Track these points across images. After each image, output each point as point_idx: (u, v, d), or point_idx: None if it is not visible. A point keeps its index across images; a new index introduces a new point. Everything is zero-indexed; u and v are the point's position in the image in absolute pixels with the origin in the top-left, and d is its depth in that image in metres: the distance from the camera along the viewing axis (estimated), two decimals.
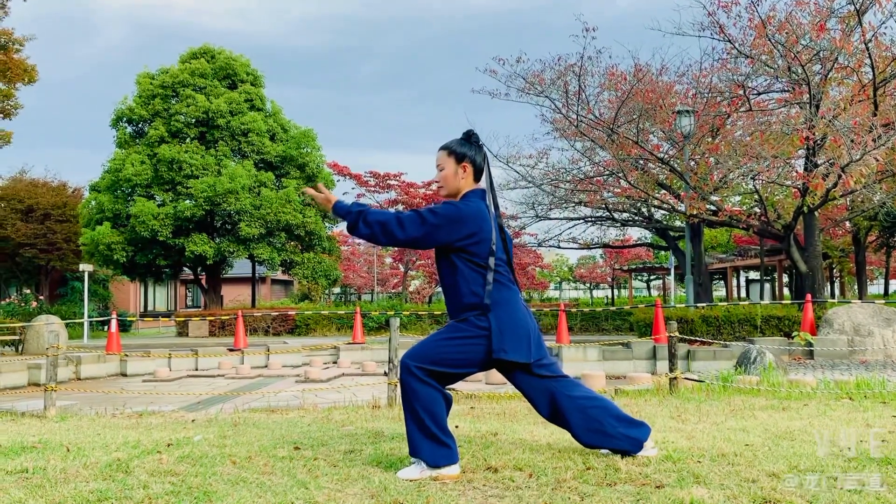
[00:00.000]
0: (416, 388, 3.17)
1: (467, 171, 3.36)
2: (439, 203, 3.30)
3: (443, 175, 3.39)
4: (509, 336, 3.19)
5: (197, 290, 39.14)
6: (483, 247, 3.23)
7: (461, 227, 3.20)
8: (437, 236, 3.19)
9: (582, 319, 23.11)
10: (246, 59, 25.07)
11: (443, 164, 3.39)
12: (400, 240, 3.21)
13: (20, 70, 20.44)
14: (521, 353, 3.21)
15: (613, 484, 2.97)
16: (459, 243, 3.21)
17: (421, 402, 3.16)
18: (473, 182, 3.39)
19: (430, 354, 3.20)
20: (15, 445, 3.97)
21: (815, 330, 12.10)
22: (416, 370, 3.17)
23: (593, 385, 8.24)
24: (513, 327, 3.22)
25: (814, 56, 13.72)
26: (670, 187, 17.41)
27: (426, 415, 3.15)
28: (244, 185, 22.13)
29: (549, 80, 16.68)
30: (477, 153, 3.39)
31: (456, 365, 3.22)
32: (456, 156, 3.37)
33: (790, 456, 3.46)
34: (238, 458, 3.50)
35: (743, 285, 39.05)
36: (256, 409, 6.24)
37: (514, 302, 3.29)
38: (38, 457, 3.63)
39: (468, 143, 3.41)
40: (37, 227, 27.25)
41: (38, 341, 16.62)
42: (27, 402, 7.65)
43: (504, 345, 3.17)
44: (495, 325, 3.18)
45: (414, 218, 3.20)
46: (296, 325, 23.35)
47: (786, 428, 4.31)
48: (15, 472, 3.27)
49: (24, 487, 2.96)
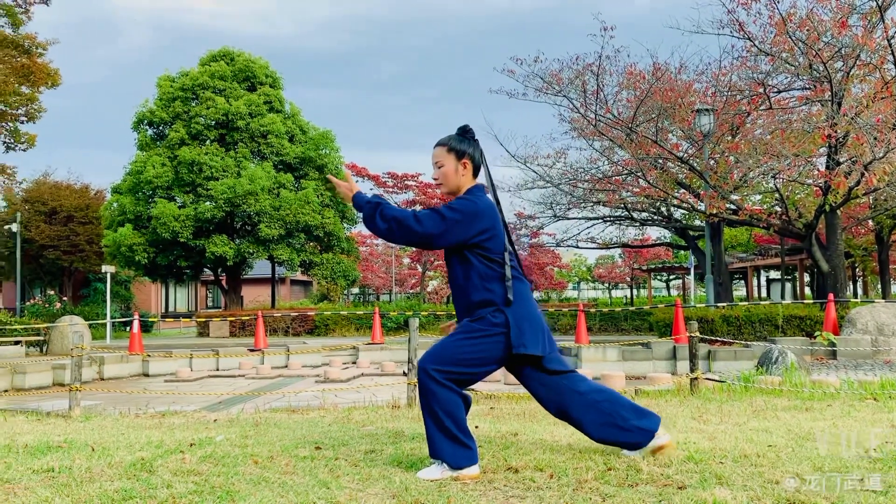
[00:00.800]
0: (434, 390, 3.14)
1: (467, 168, 3.31)
2: (454, 200, 3.26)
3: (442, 172, 3.32)
4: (528, 330, 3.16)
5: (217, 290, 39.43)
6: (498, 242, 3.21)
7: (478, 223, 3.16)
8: (456, 232, 3.15)
9: (601, 320, 23.02)
10: (265, 62, 25.23)
11: (442, 160, 3.32)
12: (417, 235, 3.14)
13: (43, 74, 20.69)
14: (538, 346, 3.18)
15: (635, 485, 2.95)
16: (476, 239, 3.17)
17: (440, 404, 3.13)
18: (473, 178, 3.34)
19: (448, 356, 3.17)
20: (41, 445, 4.02)
21: (837, 330, 11.96)
22: (435, 373, 3.14)
23: (613, 385, 8.20)
24: (530, 321, 3.19)
25: (835, 53, 13.57)
26: (690, 186, 17.29)
27: (446, 417, 3.12)
28: (263, 187, 22.26)
29: (566, 80, 16.63)
30: (475, 149, 3.34)
31: (475, 364, 3.19)
32: (456, 152, 3.30)
33: (814, 457, 3.42)
34: (260, 457, 3.52)
35: (764, 285, 38.70)
36: (277, 408, 6.27)
37: (527, 295, 3.26)
38: (64, 456, 3.67)
39: (465, 138, 3.35)
40: (60, 229, 27.58)
41: (63, 342, 16.83)
42: (52, 402, 7.74)
43: (524, 339, 3.14)
44: (513, 320, 3.14)
45: (432, 215, 3.15)
46: (315, 325, 23.46)
47: (809, 429, 4.27)
48: (41, 471, 3.31)
49: (50, 486, 2.99)
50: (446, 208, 3.17)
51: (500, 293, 3.18)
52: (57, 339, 17.10)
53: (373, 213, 3.20)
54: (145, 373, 13.39)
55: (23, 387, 11.08)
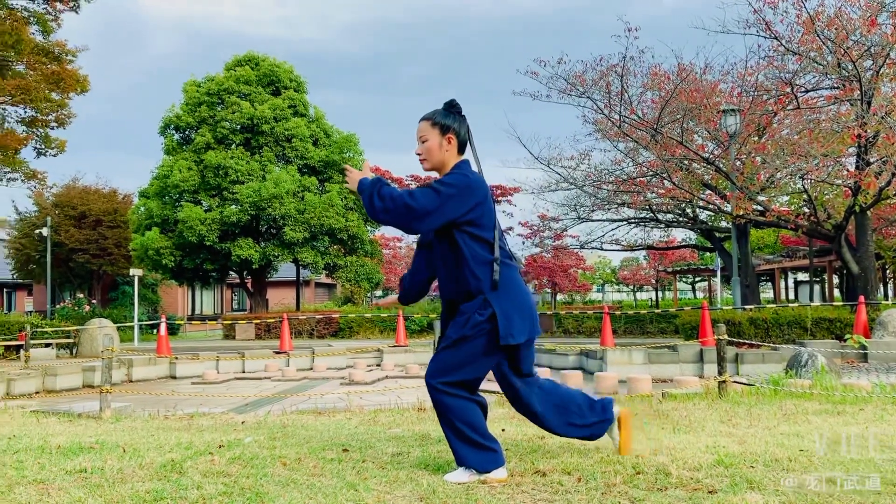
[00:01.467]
0: (446, 402, 3.12)
1: (452, 143, 3.22)
2: (446, 175, 3.18)
3: (426, 147, 3.23)
4: (516, 319, 3.09)
5: (243, 293, 39.74)
6: (489, 218, 3.13)
7: (471, 197, 3.08)
8: (451, 207, 3.04)
9: (626, 322, 22.86)
10: (289, 66, 25.41)
11: (426, 135, 3.24)
12: (413, 212, 3.02)
13: (73, 80, 21.01)
14: (524, 333, 3.12)
15: (664, 489, 2.92)
16: (469, 215, 3.07)
17: (455, 414, 3.11)
18: (458, 154, 3.25)
19: (448, 365, 3.13)
20: (73, 446, 4.07)
21: (868, 332, 11.78)
22: (441, 386, 3.11)
23: (639, 388, 8.15)
24: (518, 308, 3.12)
25: (865, 52, 13.38)
26: (716, 188, 17.12)
27: (464, 425, 3.10)
28: (288, 190, 22.42)
29: (590, 81, 16.57)
30: (461, 124, 3.24)
31: (475, 363, 3.13)
32: (441, 127, 3.21)
33: (847, 462, 3.37)
34: (288, 459, 3.54)
35: (791, 287, 38.18)
36: (304, 411, 6.30)
37: (516, 280, 3.19)
38: (96, 457, 3.71)
39: (451, 113, 3.25)
40: (89, 233, 27.97)
41: (92, 344, 17.06)
42: (83, 404, 7.84)
43: (511, 329, 3.07)
44: (500, 311, 3.06)
45: (426, 191, 3.07)
46: (339, 327, 23.56)
47: (841, 433, 4.20)
48: (74, 471, 3.35)
49: (83, 487, 3.03)
50: (439, 183, 3.10)
51: (488, 280, 3.10)
52: (86, 341, 17.34)
53: (371, 192, 3.10)
54: (172, 375, 13.53)
55: (54, 388, 11.24)
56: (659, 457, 3.51)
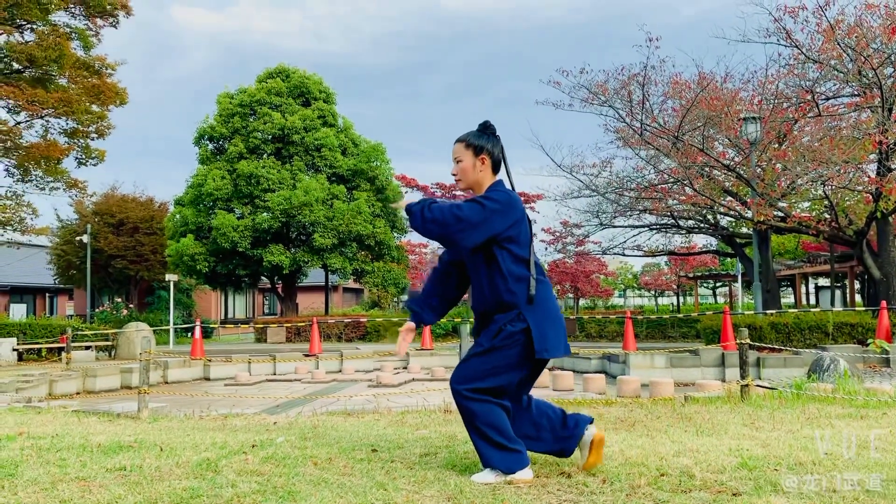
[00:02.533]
0: (471, 408, 3.10)
1: (485, 164, 3.24)
2: (488, 191, 3.20)
3: (461, 167, 3.27)
4: (551, 334, 3.08)
5: (274, 298, 40.04)
6: (526, 235, 3.15)
7: (513, 213, 3.10)
8: (494, 222, 3.06)
9: (648, 327, 22.67)
10: (319, 78, 25.60)
11: (460, 156, 3.28)
12: (462, 222, 3.03)
13: (112, 93, 21.32)
14: (560, 349, 3.12)
15: (688, 491, 2.89)
16: (509, 231, 3.09)
17: (479, 418, 3.09)
18: (492, 174, 3.27)
19: (475, 373, 3.12)
20: (113, 444, 4.12)
21: (890, 337, 11.57)
22: (467, 392, 3.10)
23: (662, 392, 8.07)
24: (553, 323, 3.12)
25: (885, 59, 13.17)
26: (737, 194, 16.93)
27: (489, 428, 3.09)
28: (318, 198, 22.56)
29: (612, 90, 16.49)
30: (494, 145, 3.26)
31: (503, 373, 3.11)
32: (474, 148, 3.25)
33: (872, 465, 3.31)
34: (319, 459, 3.55)
35: (812, 292, 37.58)
36: (333, 412, 6.32)
37: (549, 296, 3.18)
38: (135, 455, 3.76)
39: (485, 134, 3.28)
40: (127, 240, 28.35)
41: (129, 347, 17.28)
42: (122, 404, 7.95)
43: (546, 344, 3.06)
44: (534, 324, 3.05)
45: (472, 205, 3.08)
46: (367, 331, 23.64)
47: (866, 437, 4.12)
48: (114, 469, 3.39)
49: (122, 484, 3.07)
50: (484, 199, 3.11)
51: (523, 295, 3.09)
52: (124, 344, 17.56)
53: (421, 206, 3.13)
54: (206, 377, 13.66)
55: (93, 389, 11.41)
56: (683, 459, 3.47)
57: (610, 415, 5.30)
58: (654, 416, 5.19)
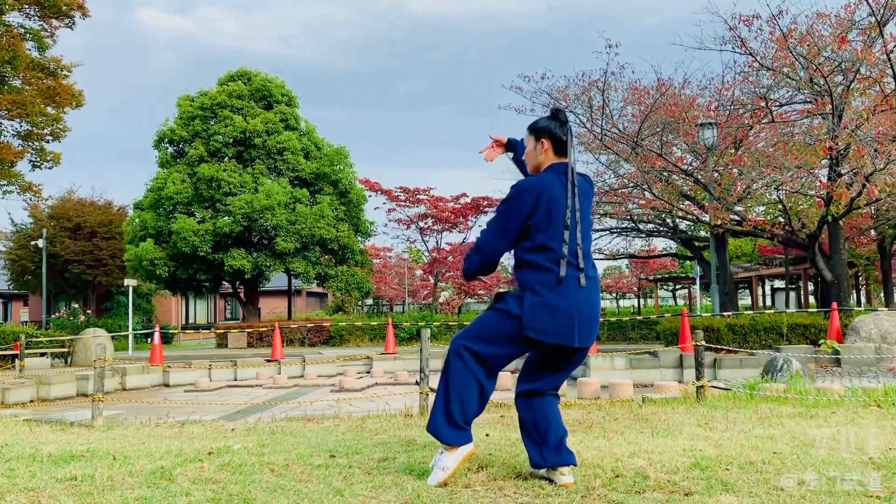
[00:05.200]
0: (452, 364, 3.15)
1: (545, 146, 3.28)
2: None
3: (526, 152, 3.39)
4: (542, 316, 3.00)
5: (235, 303, 39.55)
6: (541, 221, 3.07)
7: (523, 202, 3.09)
8: (512, 214, 3.10)
9: (609, 329, 22.91)
10: (281, 81, 25.40)
11: (526, 141, 3.40)
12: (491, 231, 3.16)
13: (68, 95, 20.90)
14: (549, 335, 3.01)
15: (642, 491, 2.93)
16: (529, 221, 3.09)
17: (454, 382, 3.12)
18: (555, 156, 3.28)
19: (472, 332, 3.18)
20: (64, 454, 4.03)
21: (841, 338, 11.86)
22: (460, 347, 3.15)
23: (621, 393, 8.16)
24: (550, 309, 3.01)
25: (836, 67, 13.53)
26: (694, 198, 17.23)
27: (455, 401, 3.11)
28: (280, 202, 22.36)
29: (573, 96, 16.65)
30: (558, 128, 3.28)
31: (494, 340, 3.11)
32: (535, 132, 3.32)
33: (819, 464, 3.39)
34: (276, 465, 3.52)
35: (768, 294, 38.42)
36: (293, 417, 6.26)
37: (555, 287, 3.05)
38: (86, 465, 3.67)
39: (551, 119, 3.33)
40: (84, 245, 27.77)
41: (86, 353, 16.92)
42: (76, 412, 7.77)
43: (535, 324, 3.00)
44: (528, 303, 3.02)
45: (492, 218, 3.22)
46: (330, 336, 23.48)
47: (814, 436, 4.22)
48: (64, 479, 3.32)
49: (72, 495, 3.00)
50: (500, 203, 3.22)
51: (530, 279, 3.06)
52: (81, 350, 17.19)
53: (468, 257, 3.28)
54: (166, 383, 13.43)
55: (48, 397, 11.14)
56: (638, 460, 3.51)
57: (569, 417, 5.34)
58: (612, 418, 5.25)
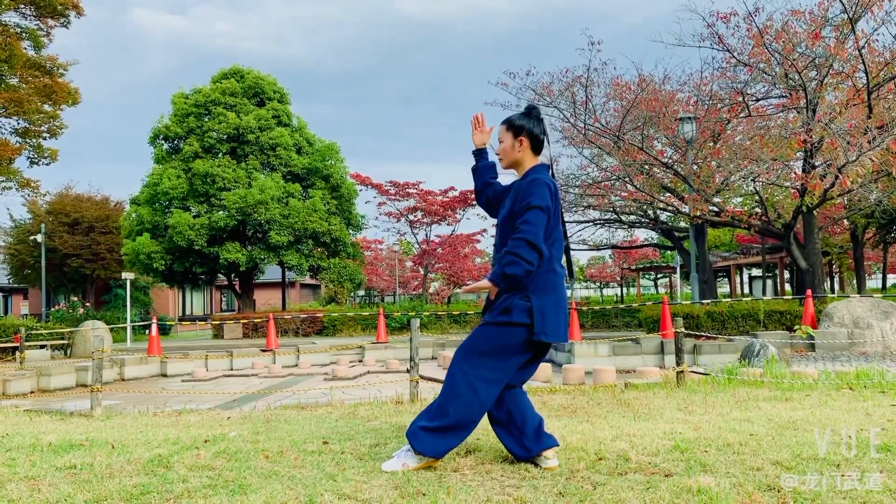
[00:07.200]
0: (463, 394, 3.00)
1: (524, 145, 3.24)
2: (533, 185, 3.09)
3: (502, 148, 3.31)
4: (551, 318, 3.01)
5: (231, 295, 39.42)
6: (550, 220, 3.07)
7: (552, 201, 3.06)
8: (549, 216, 3.03)
9: (593, 317, 23.00)
10: (273, 78, 25.24)
11: (502, 137, 3.31)
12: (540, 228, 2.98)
13: (64, 93, 20.68)
14: (558, 334, 3.04)
15: (624, 473, 2.95)
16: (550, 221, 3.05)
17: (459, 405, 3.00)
18: (533, 155, 3.26)
19: (476, 347, 3.06)
20: (63, 443, 4.01)
21: (815, 323, 11.95)
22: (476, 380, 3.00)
23: (604, 379, 8.20)
24: (555, 309, 3.04)
25: (810, 63, 13.58)
26: (675, 190, 17.29)
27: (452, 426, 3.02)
28: (273, 196, 22.27)
29: (557, 92, 16.64)
30: (535, 126, 3.25)
31: (501, 354, 3.03)
32: (514, 129, 3.26)
33: (793, 445, 3.42)
34: (270, 452, 3.52)
35: (746, 282, 38.67)
36: (287, 406, 6.26)
37: (558, 284, 3.11)
38: (85, 454, 3.66)
39: (528, 116, 3.28)
40: (82, 239, 27.58)
41: (85, 345, 16.82)
42: (75, 403, 7.73)
43: (545, 328, 3.00)
44: (537, 307, 2.99)
45: (530, 216, 3.00)
46: (323, 326, 23.44)
47: (789, 418, 4.26)
48: (64, 468, 3.31)
49: (72, 483, 2.99)
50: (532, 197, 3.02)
51: (534, 280, 3.03)
52: (80, 342, 17.09)
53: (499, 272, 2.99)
54: (163, 373, 13.38)
55: (48, 388, 11.07)
56: (620, 443, 3.54)
57: (554, 402, 5.36)
58: (596, 403, 5.28)
